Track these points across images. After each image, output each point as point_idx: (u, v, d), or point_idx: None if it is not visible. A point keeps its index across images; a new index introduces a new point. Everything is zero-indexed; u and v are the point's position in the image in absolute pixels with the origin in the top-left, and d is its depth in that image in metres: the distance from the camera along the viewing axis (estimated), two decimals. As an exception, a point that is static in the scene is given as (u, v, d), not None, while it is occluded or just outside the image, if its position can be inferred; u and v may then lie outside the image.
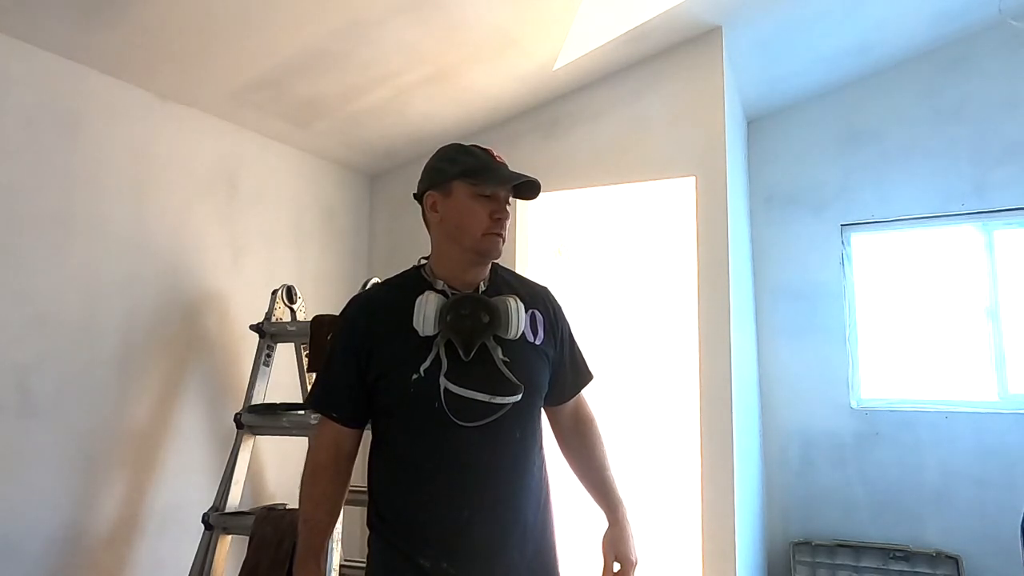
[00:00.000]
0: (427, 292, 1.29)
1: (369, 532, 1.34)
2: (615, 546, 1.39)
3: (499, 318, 1.27)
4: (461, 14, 2.35)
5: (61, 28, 1.99)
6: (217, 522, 2.29)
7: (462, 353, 1.26)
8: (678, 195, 3.25)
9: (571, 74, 2.91)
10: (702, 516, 2.65)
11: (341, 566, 2.20)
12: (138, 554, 2.29)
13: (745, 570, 2.76)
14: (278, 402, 2.50)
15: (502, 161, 1.36)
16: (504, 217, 1.32)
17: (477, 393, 1.25)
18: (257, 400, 2.47)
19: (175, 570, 2.34)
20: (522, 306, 1.31)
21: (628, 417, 4.11)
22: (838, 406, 3.54)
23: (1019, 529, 2.23)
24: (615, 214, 4.40)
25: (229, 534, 2.31)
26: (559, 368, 1.44)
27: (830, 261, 3.65)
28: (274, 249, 2.91)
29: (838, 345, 3.58)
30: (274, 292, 2.60)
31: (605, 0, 2.46)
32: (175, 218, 2.47)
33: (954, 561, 3.19)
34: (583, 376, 1.51)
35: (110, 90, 2.26)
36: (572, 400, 1.49)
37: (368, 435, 1.39)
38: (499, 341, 1.29)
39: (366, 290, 1.60)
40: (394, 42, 2.42)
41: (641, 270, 4.42)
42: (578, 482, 1.49)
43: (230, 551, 2.33)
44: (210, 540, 2.28)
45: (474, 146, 1.36)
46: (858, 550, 3.36)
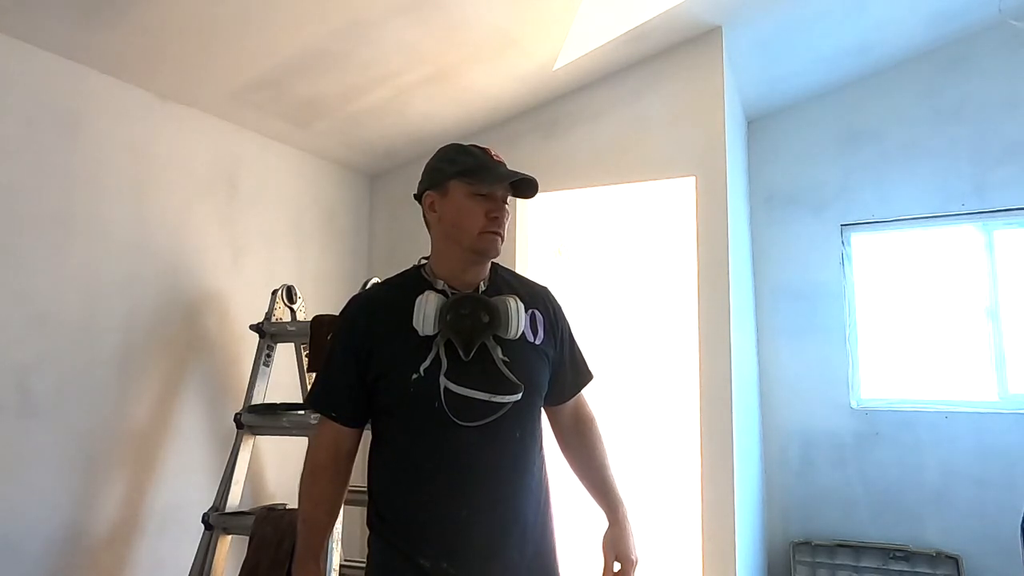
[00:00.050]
0: (427, 292, 1.29)
1: (369, 532, 1.34)
2: (615, 546, 1.39)
3: (499, 318, 1.28)
4: (461, 14, 2.35)
5: (61, 28, 1.99)
6: (217, 522, 2.29)
7: (462, 353, 1.26)
8: (678, 195, 3.25)
9: (571, 74, 2.91)
10: (702, 516, 2.65)
11: (341, 566, 2.20)
12: (138, 554, 2.29)
13: (745, 570, 2.76)
14: (278, 402, 2.51)
15: (500, 160, 1.35)
16: (501, 216, 1.31)
17: (477, 392, 1.24)
18: (257, 400, 2.48)
19: (175, 570, 2.34)
20: (522, 306, 1.31)
21: (628, 417, 4.10)
22: (838, 406, 3.54)
23: (1019, 529, 2.23)
24: (615, 214, 4.40)
25: (229, 534, 2.31)
26: (559, 368, 1.44)
27: (830, 261, 3.65)
28: (274, 249, 2.91)
29: (838, 345, 3.58)
30: (274, 292, 2.60)
31: (605, 0, 2.46)
32: (175, 218, 2.47)
33: (954, 561, 3.19)
34: (583, 376, 1.51)
35: (110, 90, 2.26)
36: (572, 400, 1.49)
37: (368, 435, 1.39)
38: (499, 341, 1.29)
39: (366, 290, 1.60)
40: (394, 42, 2.42)
41: (641, 270, 4.42)
42: (578, 482, 1.49)
43: (230, 551, 2.34)
44: (210, 540, 2.28)
45: (473, 146, 1.36)
46: (858, 550, 3.36)
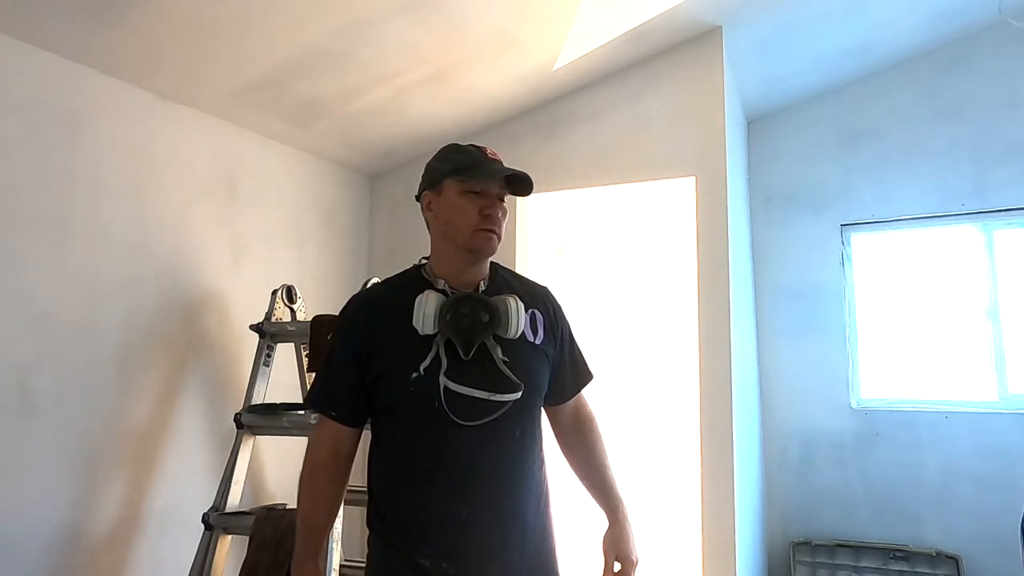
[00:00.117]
0: (427, 291, 1.29)
1: (369, 532, 1.34)
2: (616, 546, 1.39)
3: (499, 317, 1.28)
4: (461, 14, 2.35)
5: (61, 28, 1.99)
6: (217, 522, 2.29)
7: (462, 352, 1.26)
8: (678, 195, 3.25)
9: (571, 74, 2.91)
10: (702, 516, 2.65)
11: (341, 566, 2.20)
12: (138, 554, 2.29)
13: (745, 570, 2.75)
14: (278, 402, 2.50)
15: (495, 158, 1.34)
16: (494, 213, 1.31)
17: (476, 391, 1.24)
18: (257, 400, 2.47)
19: (175, 570, 2.34)
20: (522, 305, 1.31)
21: (628, 417, 4.10)
22: (838, 406, 3.54)
23: (1019, 529, 2.22)
24: (615, 214, 4.40)
25: (229, 534, 2.31)
26: (559, 368, 1.44)
27: (830, 261, 3.65)
28: (274, 249, 2.91)
29: (838, 345, 3.58)
30: (274, 292, 2.60)
31: (605, 0, 2.46)
32: (175, 218, 2.47)
33: (954, 561, 3.19)
34: (583, 376, 1.51)
35: (110, 90, 2.26)
36: (572, 400, 1.49)
37: (368, 435, 1.39)
38: (499, 340, 1.29)
39: (366, 289, 1.59)
40: (394, 42, 2.42)
41: (641, 270, 4.42)
42: (578, 482, 1.49)
43: (230, 551, 2.33)
44: (210, 540, 2.28)
45: (470, 145, 1.36)
46: (858, 550, 3.36)
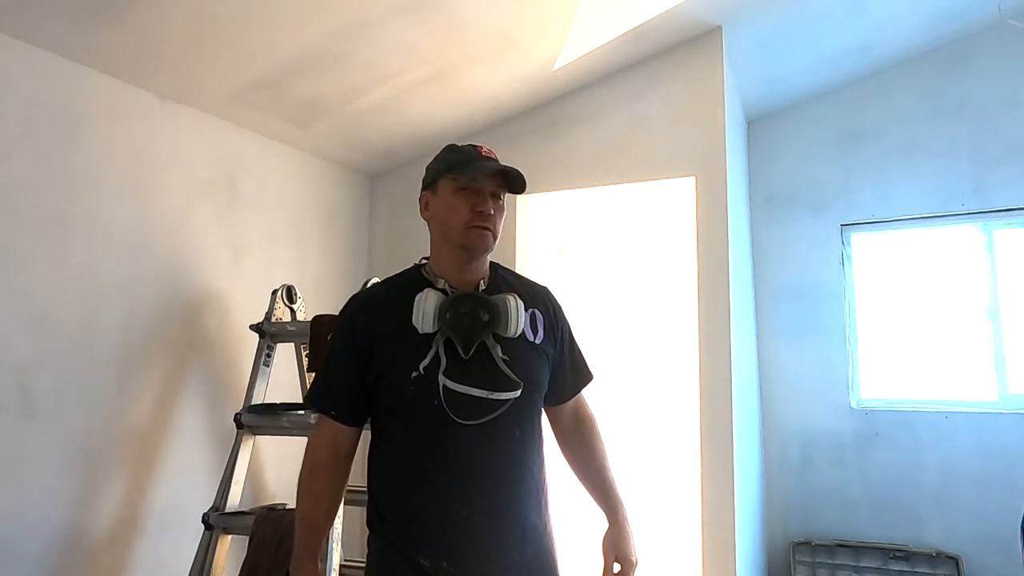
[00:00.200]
0: (426, 289, 1.29)
1: (369, 532, 1.34)
2: (615, 546, 1.39)
3: (498, 316, 1.28)
4: (461, 14, 2.35)
5: (61, 28, 1.99)
6: (217, 522, 2.29)
7: (461, 351, 1.27)
8: (678, 195, 3.25)
9: (571, 74, 2.91)
10: (702, 516, 2.65)
11: (341, 566, 2.20)
12: (138, 554, 2.29)
13: (745, 570, 2.75)
14: (278, 402, 2.50)
15: (489, 156, 1.34)
16: (486, 210, 1.30)
17: (475, 389, 1.24)
18: (257, 400, 2.47)
19: (175, 570, 2.34)
20: (522, 304, 1.31)
21: (628, 417, 4.10)
22: (838, 406, 3.54)
23: (1019, 529, 2.23)
24: (615, 214, 4.40)
25: (229, 534, 2.31)
26: (559, 368, 1.44)
27: (830, 261, 3.65)
28: (274, 249, 2.91)
29: (838, 345, 3.58)
30: (274, 292, 2.60)
31: (605, 0, 2.46)
32: (175, 218, 2.47)
33: (954, 561, 3.19)
34: (583, 376, 1.51)
35: (110, 90, 2.26)
36: (572, 400, 1.49)
37: (367, 434, 1.39)
38: (498, 339, 1.29)
39: (366, 289, 1.59)
40: (394, 42, 2.42)
41: (641, 270, 4.42)
42: (578, 482, 1.49)
43: (230, 551, 2.33)
44: (210, 540, 2.28)
45: (467, 145, 1.37)
46: (858, 550, 3.36)
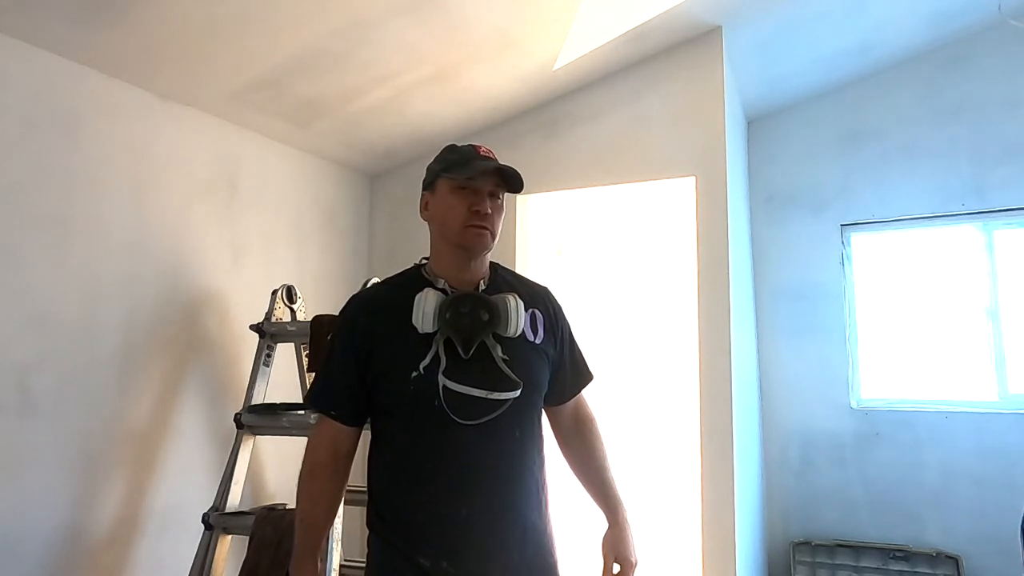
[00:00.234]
0: (426, 289, 1.29)
1: (369, 532, 1.34)
2: (615, 547, 1.39)
3: (498, 316, 1.28)
4: (461, 14, 2.35)
5: (61, 28, 1.99)
6: (217, 522, 2.29)
7: (461, 351, 1.27)
8: (678, 195, 3.25)
9: (571, 74, 2.91)
10: (702, 516, 2.65)
11: (341, 566, 2.20)
12: (138, 554, 2.29)
13: (745, 570, 2.75)
14: (278, 402, 2.50)
15: (488, 155, 1.34)
16: (483, 209, 1.30)
17: (474, 389, 1.24)
18: (257, 400, 2.47)
19: (175, 570, 2.34)
20: (522, 304, 1.31)
21: (628, 417, 4.10)
22: (838, 406, 3.54)
23: (1019, 529, 2.22)
24: (615, 214, 4.40)
25: (229, 534, 2.31)
26: (559, 368, 1.44)
27: (830, 261, 3.65)
28: (274, 249, 2.91)
29: (838, 345, 3.58)
30: (274, 292, 2.60)
31: (605, 0, 2.46)
32: (175, 218, 2.47)
33: (954, 561, 3.19)
34: (583, 376, 1.51)
35: (110, 90, 2.26)
36: (572, 400, 1.49)
37: (367, 434, 1.39)
38: (498, 339, 1.29)
39: (366, 289, 1.59)
40: (394, 42, 2.42)
41: (641, 270, 4.42)
42: (578, 483, 1.49)
43: (230, 551, 2.33)
44: (210, 540, 2.28)
45: (466, 145, 1.37)
46: (858, 550, 3.36)
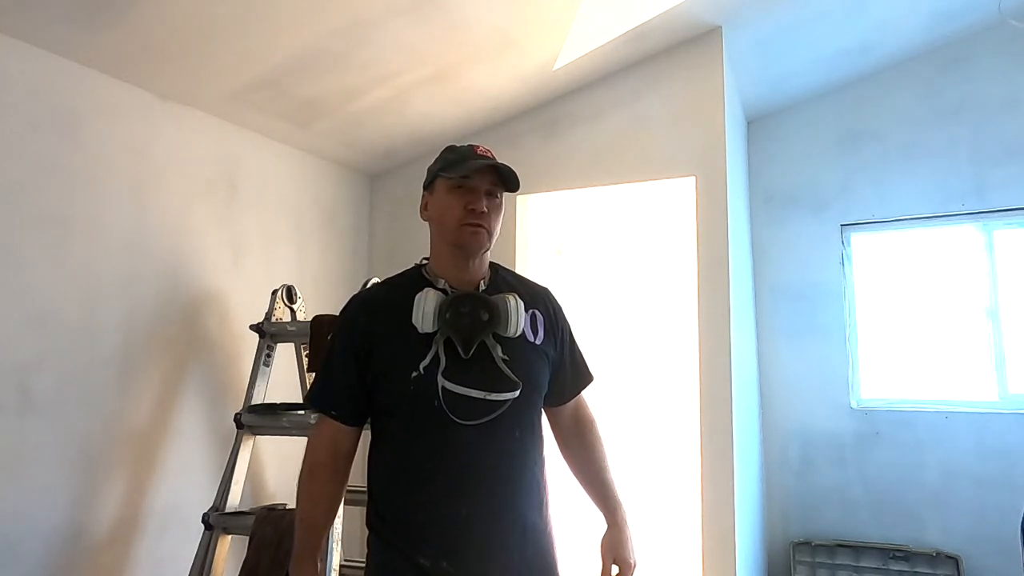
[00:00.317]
0: (426, 289, 1.29)
1: (369, 532, 1.34)
2: (614, 548, 1.39)
3: (498, 316, 1.28)
4: (461, 14, 2.34)
5: (61, 28, 1.99)
6: (217, 522, 2.29)
7: (461, 351, 1.27)
8: (678, 195, 3.25)
9: (571, 74, 2.91)
10: (702, 516, 2.65)
11: (341, 566, 2.20)
12: (138, 554, 2.29)
13: (745, 570, 2.75)
14: (278, 402, 2.50)
15: (485, 155, 1.34)
16: (479, 208, 1.30)
17: (473, 390, 1.24)
18: (257, 400, 2.47)
19: (175, 570, 2.34)
20: (522, 304, 1.31)
21: (628, 417, 4.10)
22: (838, 406, 3.54)
23: (1019, 529, 2.23)
24: (615, 214, 4.40)
25: (229, 534, 2.31)
26: (559, 369, 1.44)
27: (830, 261, 3.65)
28: (274, 249, 2.91)
29: (838, 345, 3.58)
30: (274, 292, 2.60)
31: (605, 0, 2.46)
32: (175, 218, 2.47)
33: (954, 561, 3.19)
34: (583, 377, 1.51)
35: (110, 90, 2.26)
36: (572, 401, 1.49)
37: (367, 434, 1.39)
38: (498, 339, 1.29)
39: (366, 289, 1.60)
40: (394, 42, 2.42)
41: (641, 270, 4.42)
42: (577, 484, 1.49)
43: (230, 551, 2.33)
44: (210, 540, 2.28)
45: (466, 145, 1.37)
46: (858, 550, 3.36)
